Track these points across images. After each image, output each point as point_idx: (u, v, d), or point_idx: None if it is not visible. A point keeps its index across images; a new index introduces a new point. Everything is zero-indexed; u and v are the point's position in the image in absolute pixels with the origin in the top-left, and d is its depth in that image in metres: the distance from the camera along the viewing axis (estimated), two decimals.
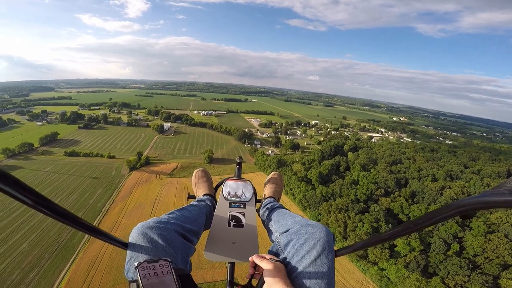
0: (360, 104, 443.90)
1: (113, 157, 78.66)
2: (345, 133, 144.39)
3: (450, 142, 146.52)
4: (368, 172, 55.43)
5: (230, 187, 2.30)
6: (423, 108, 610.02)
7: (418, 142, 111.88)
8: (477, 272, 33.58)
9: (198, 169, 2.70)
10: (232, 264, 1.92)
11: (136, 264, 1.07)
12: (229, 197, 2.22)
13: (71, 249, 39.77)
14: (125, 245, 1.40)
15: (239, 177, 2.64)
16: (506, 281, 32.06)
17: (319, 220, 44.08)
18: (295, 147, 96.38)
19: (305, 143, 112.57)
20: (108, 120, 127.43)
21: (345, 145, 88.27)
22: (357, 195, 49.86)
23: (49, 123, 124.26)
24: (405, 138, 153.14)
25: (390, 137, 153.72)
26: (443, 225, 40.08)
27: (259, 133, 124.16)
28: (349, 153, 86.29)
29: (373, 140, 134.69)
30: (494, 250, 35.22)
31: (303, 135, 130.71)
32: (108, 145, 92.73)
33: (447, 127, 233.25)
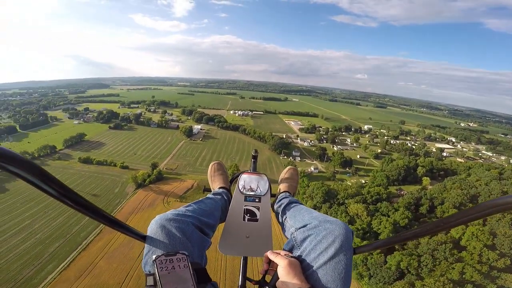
0: (416, 106, 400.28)
1: (127, 167, 68.42)
2: (408, 143, 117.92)
3: None
4: (480, 230, 33.36)
5: (245, 181, 2.23)
6: (491, 112, 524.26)
7: None
8: None
9: (214, 162, 2.59)
10: (246, 258, 1.94)
11: (154, 257, 1.07)
12: (244, 190, 2.16)
13: None
14: (143, 238, 1.39)
15: (254, 170, 2.60)
16: None
17: None
18: (347, 163, 75.36)
19: (358, 156, 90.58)
20: (139, 120, 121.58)
21: (419, 168, 64.43)
22: (465, 272, 29.17)
23: (85, 121, 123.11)
24: (484, 151, 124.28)
25: (464, 149, 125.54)
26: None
27: (299, 140, 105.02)
28: (425, 178, 62.46)
29: (444, 153, 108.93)
30: None
31: (355, 145, 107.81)
32: (129, 150, 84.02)
33: None
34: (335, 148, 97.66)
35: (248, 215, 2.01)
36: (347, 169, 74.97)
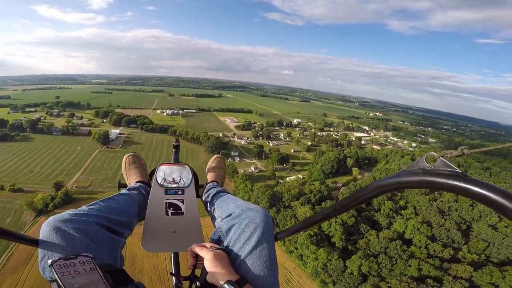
0: (334, 99, 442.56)
1: (20, 190, 52.03)
2: (332, 134, 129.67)
3: (432, 140, 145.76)
4: (419, 222, 35.81)
5: (165, 172, 2.08)
6: (390, 102, 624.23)
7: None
8: None
9: (129, 154, 2.34)
10: (176, 254, 1.91)
11: (50, 262, 0.94)
12: (164, 183, 2.02)
13: None
14: (35, 243, 1.26)
15: (176, 161, 2.46)
16: None
17: None
18: (284, 159, 75.33)
19: (292, 150, 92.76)
20: (37, 127, 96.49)
21: (348, 159, 68.78)
22: (421, 268, 30.57)
23: None
24: (391, 137, 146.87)
25: (376, 136, 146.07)
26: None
27: (236, 139, 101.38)
28: (355, 169, 67.08)
29: (362, 141, 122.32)
30: None
31: (288, 139, 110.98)
32: (23, 167, 64.58)
33: (420, 122, 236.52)
34: (270, 144, 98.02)
35: (171, 209, 1.92)
36: (284, 165, 75.14)
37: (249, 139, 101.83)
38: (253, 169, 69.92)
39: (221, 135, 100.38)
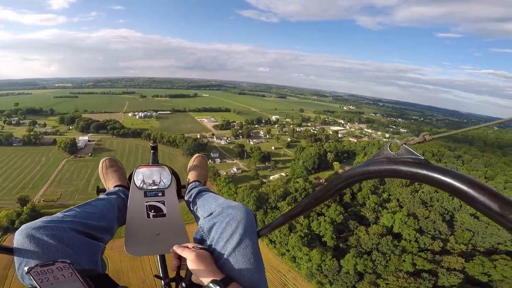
0: (309, 94, 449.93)
1: None
2: (310, 129, 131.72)
3: (404, 130, 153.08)
4: (406, 215, 36.75)
5: (144, 175, 2.05)
6: (361, 96, 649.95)
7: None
8: None
9: (105, 158, 2.31)
10: (162, 256, 1.91)
11: (26, 269, 0.95)
12: (144, 185, 1.99)
13: None
14: (10, 251, 1.25)
15: (154, 162, 2.45)
16: None
17: None
18: (266, 158, 74.77)
19: (273, 148, 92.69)
20: None
21: (328, 154, 69.77)
22: (415, 263, 31.18)
23: None
24: (365, 129, 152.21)
25: (351, 129, 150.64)
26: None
27: (215, 139, 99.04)
28: (335, 163, 68.25)
29: (339, 135, 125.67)
30: None
31: (268, 136, 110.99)
32: None
33: (390, 114, 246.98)
34: (251, 143, 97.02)
35: (152, 211, 1.91)
36: (266, 163, 74.60)
37: (229, 138, 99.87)
38: (235, 169, 68.50)
39: (199, 136, 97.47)
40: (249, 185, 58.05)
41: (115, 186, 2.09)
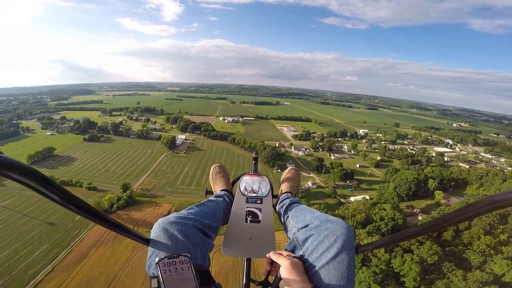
0: (406, 107, 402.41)
1: (95, 188, 58.75)
2: (407, 148, 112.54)
3: None
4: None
5: (247, 182, 2.25)
6: (478, 111, 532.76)
7: None
8: None
9: (215, 164, 2.62)
10: (249, 260, 1.98)
11: (157, 260, 1.10)
12: (246, 192, 2.18)
13: None
14: (146, 241, 1.44)
15: (255, 172, 2.57)
16: None
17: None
18: (348, 175, 67.27)
19: (358, 165, 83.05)
20: (118, 130, 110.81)
21: (430, 181, 56.78)
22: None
23: (59, 132, 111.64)
24: (483, 154, 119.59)
25: (462, 151, 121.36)
26: None
27: (293, 149, 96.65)
28: (438, 192, 54.96)
29: (445, 158, 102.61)
30: None
31: (352, 152, 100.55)
32: (102, 166, 73.68)
33: None
34: (332, 157, 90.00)
35: (250, 216, 2.04)
36: (347, 182, 66.97)
37: (308, 150, 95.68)
38: (310, 184, 64.11)
39: (277, 145, 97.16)
40: (324, 203, 53.03)
41: (221, 190, 2.34)
